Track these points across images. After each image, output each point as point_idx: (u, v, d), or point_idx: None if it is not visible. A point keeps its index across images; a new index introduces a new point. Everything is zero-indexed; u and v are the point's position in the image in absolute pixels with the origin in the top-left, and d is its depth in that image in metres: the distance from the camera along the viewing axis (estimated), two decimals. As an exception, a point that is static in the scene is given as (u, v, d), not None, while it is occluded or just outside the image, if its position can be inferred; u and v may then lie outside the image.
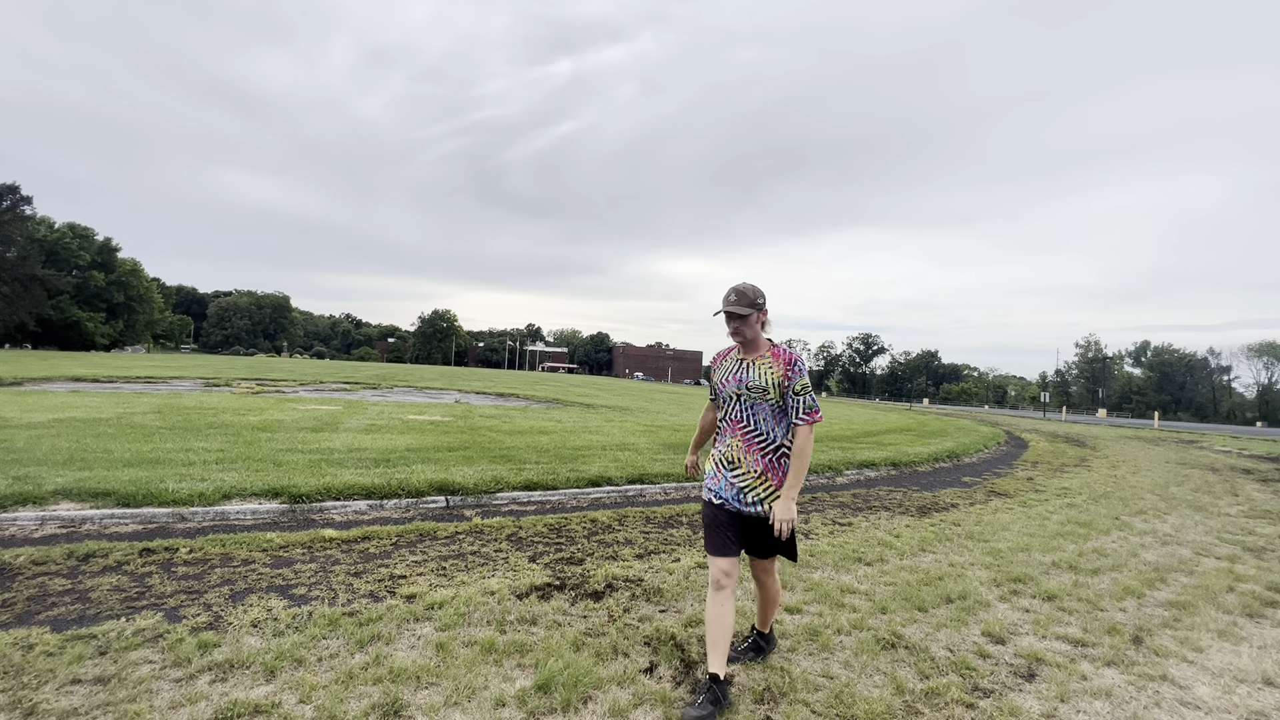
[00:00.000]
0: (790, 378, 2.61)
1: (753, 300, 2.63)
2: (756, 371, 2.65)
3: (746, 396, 2.66)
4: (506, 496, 6.18)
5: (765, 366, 2.65)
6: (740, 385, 2.67)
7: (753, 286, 2.67)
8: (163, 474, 5.84)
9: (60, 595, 3.28)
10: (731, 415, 2.73)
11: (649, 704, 2.53)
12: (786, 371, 2.62)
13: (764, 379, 2.63)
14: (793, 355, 2.66)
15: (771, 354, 2.68)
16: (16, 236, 57.06)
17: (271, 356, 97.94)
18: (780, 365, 2.63)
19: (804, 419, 2.59)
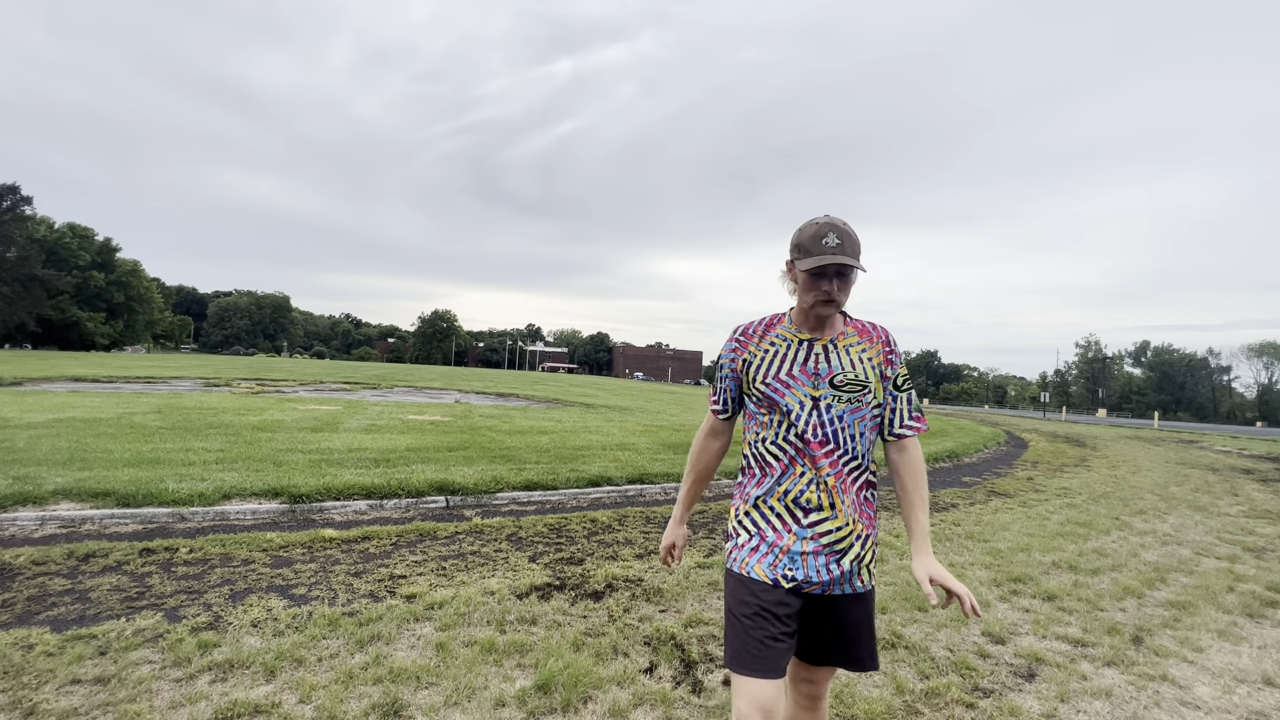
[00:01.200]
0: (893, 364, 1.68)
1: (859, 249, 1.60)
2: (847, 359, 1.64)
3: (836, 400, 1.62)
4: (506, 496, 6.18)
5: (859, 350, 1.65)
6: (820, 382, 1.63)
7: (853, 228, 1.64)
8: (163, 474, 5.84)
9: (60, 595, 3.28)
10: (799, 434, 1.62)
11: (649, 704, 2.53)
12: (887, 355, 1.68)
13: (861, 369, 1.63)
14: (887, 331, 1.72)
15: (858, 330, 1.68)
16: (16, 236, 57.06)
17: (271, 356, 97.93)
18: (878, 346, 1.67)
19: (914, 425, 1.68)
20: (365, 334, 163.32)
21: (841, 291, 1.56)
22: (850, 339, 1.65)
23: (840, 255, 1.51)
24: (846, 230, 1.55)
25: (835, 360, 1.62)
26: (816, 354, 1.63)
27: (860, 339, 1.66)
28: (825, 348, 1.63)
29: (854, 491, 1.62)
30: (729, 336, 1.76)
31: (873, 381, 1.63)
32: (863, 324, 1.69)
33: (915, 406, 1.69)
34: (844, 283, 1.56)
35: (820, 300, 1.56)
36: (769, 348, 1.68)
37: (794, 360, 1.64)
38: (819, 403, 1.60)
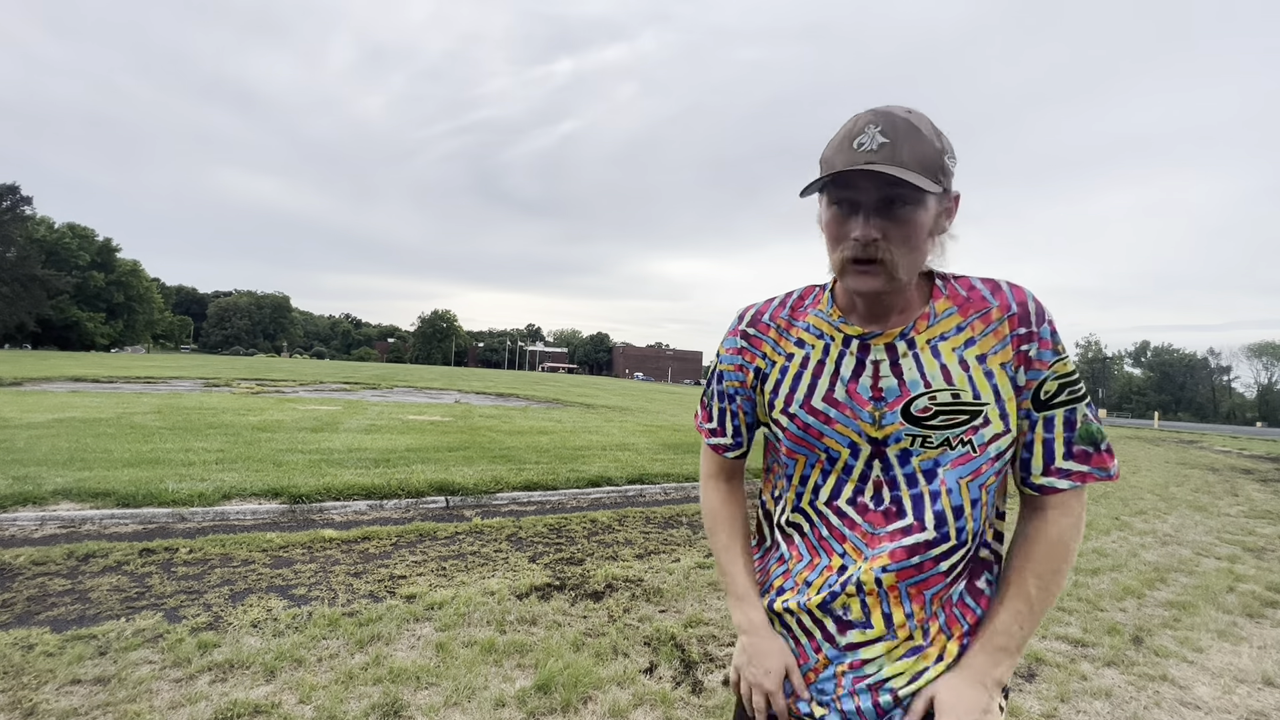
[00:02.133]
0: (1029, 359, 0.89)
1: (936, 156, 0.83)
2: (935, 365, 0.90)
3: (917, 442, 0.90)
4: (506, 496, 6.18)
5: (960, 343, 0.91)
6: (887, 412, 0.91)
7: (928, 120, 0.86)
8: (163, 474, 5.84)
9: (60, 595, 3.28)
10: (849, 499, 0.95)
11: (649, 704, 2.53)
12: (1019, 343, 0.89)
13: (965, 379, 0.89)
14: (1023, 293, 0.92)
15: (957, 302, 0.93)
16: (16, 236, 57.07)
17: (271, 356, 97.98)
18: (1000, 327, 0.90)
19: (1076, 469, 0.91)
20: (365, 334, 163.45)
21: (894, 241, 0.82)
22: (941, 324, 0.89)
23: (875, 161, 0.79)
24: (902, 121, 0.81)
25: (910, 370, 0.88)
26: (875, 362, 0.90)
27: (963, 318, 0.89)
28: (890, 350, 0.90)
29: (941, 597, 0.90)
30: (731, 327, 1.06)
31: (990, 400, 0.87)
32: (971, 286, 0.92)
33: (1085, 433, 0.89)
34: (894, 222, 0.81)
35: (849, 259, 0.84)
36: (795, 350, 0.97)
37: (836, 373, 0.93)
38: (884, 449, 0.90)
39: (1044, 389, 0.89)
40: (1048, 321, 0.90)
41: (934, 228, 0.87)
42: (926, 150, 0.82)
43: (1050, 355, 0.89)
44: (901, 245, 0.84)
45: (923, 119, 0.84)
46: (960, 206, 0.91)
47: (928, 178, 0.81)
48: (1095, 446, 0.90)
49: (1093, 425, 0.90)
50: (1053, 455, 0.90)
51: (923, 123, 0.83)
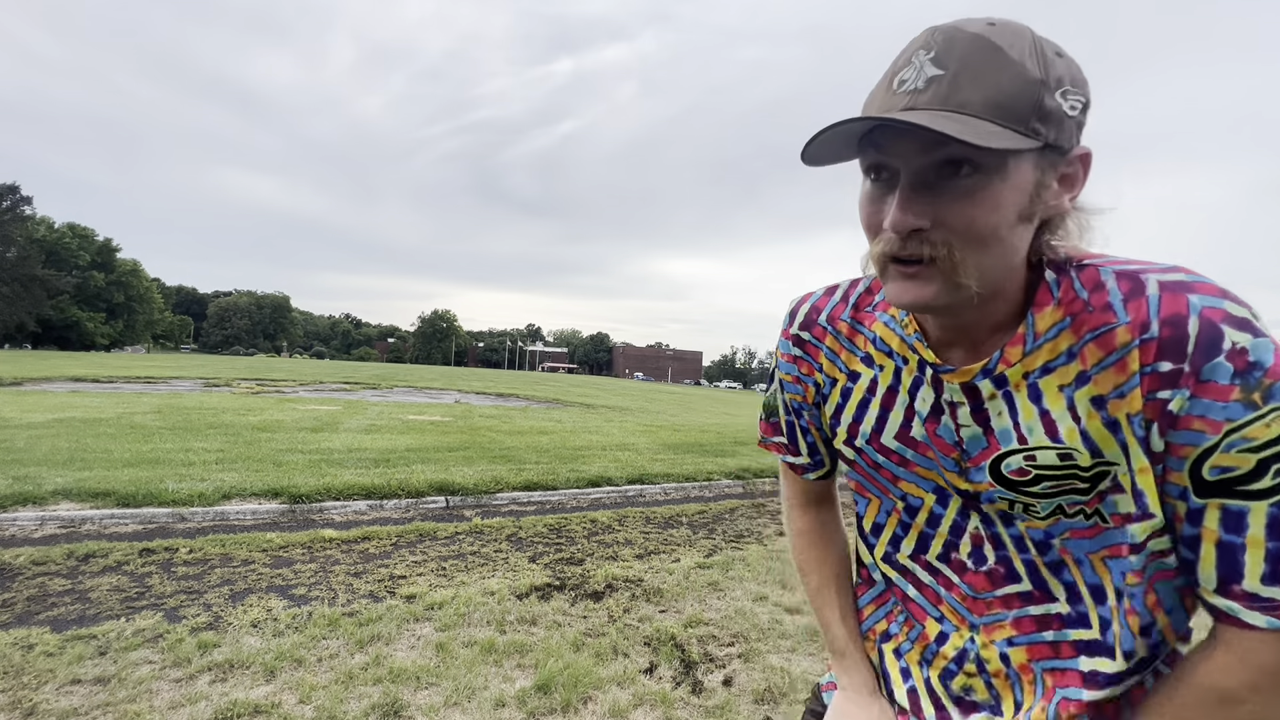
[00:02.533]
0: (1197, 414, 0.53)
1: (1029, 90, 0.51)
2: (1032, 411, 0.61)
3: (1016, 506, 0.64)
4: (506, 497, 6.18)
5: (1069, 377, 0.59)
6: (972, 468, 0.66)
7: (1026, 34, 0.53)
8: (163, 474, 5.84)
9: (60, 595, 3.28)
10: (926, 548, 0.74)
11: (649, 704, 2.53)
12: (1156, 393, 0.54)
13: (1087, 433, 0.58)
14: (1183, 303, 0.53)
15: (1072, 312, 0.58)
16: (16, 236, 57.10)
17: (271, 356, 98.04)
18: (1134, 369, 0.55)
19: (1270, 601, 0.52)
20: (365, 334, 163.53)
21: (953, 231, 0.54)
22: (1044, 349, 0.60)
23: (921, 107, 0.52)
24: (970, 41, 0.52)
25: (1000, 417, 0.63)
26: (951, 404, 0.66)
27: (1075, 338, 0.58)
28: (970, 392, 0.64)
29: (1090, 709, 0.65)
30: (783, 325, 0.83)
31: (1120, 461, 0.58)
32: (1099, 283, 0.58)
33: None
34: (953, 200, 0.54)
35: (887, 256, 0.58)
36: (861, 369, 0.74)
37: (912, 407, 0.70)
38: (978, 504, 0.68)
39: (1211, 464, 0.52)
40: (1226, 353, 0.51)
41: (1029, 207, 0.55)
42: (1008, 82, 0.50)
43: (1220, 410, 0.51)
44: (964, 237, 0.53)
45: (1016, 32, 0.52)
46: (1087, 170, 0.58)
47: (1008, 126, 0.50)
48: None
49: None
50: (1238, 569, 0.53)
51: (1012, 37, 0.52)
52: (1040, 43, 0.53)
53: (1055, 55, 0.53)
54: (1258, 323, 0.52)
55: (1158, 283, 0.55)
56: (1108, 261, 0.59)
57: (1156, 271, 0.56)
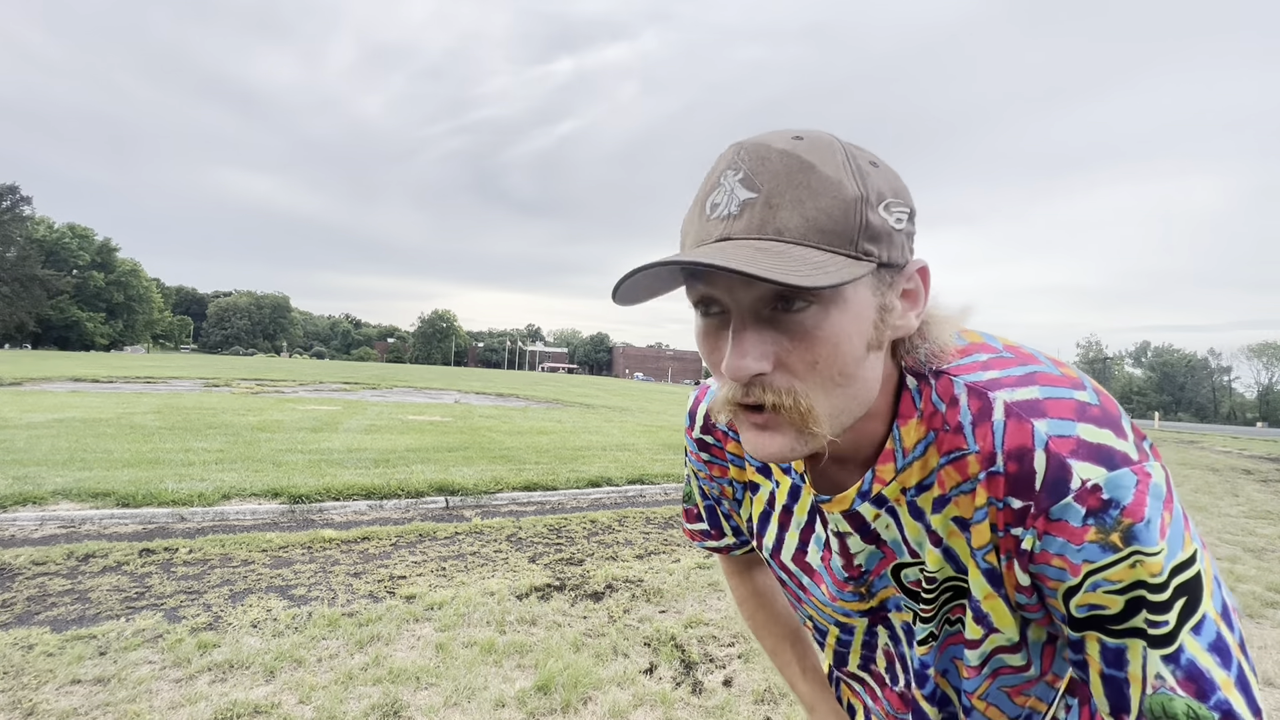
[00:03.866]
0: (1053, 552, 0.48)
1: (849, 210, 0.46)
2: (917, 527, 0.58)
3: (915, 616, 0.62)
4: (506, 497, 6.18)
5: (932, 498, 0.56)
6: (869, 580, 0.64)
7: (837, 147, 0.48)
8: (162, 474, 5.84)
9: (60, 595, 3.28)
10: (845, 661, 0.74)
11: (649, 704, 2.53)
12: (1010, 528, 0.51)
13: (951, 550, 0.56)
14: (1028, 434, 0.49)
15: (935, 426, 0.54)
16: (16, 236, 57.14)
17: (271, 357, 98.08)
18: (982, 501, 0.52)
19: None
20: (365, 334, 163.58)
21: (797, 372, 0.49)
22: (915, 466, 0.56)
23: (737, 236, 0.47)
24: (780, 158, 0.47)
25: (889, 529, 0.60)
26: (839, 535, 0.63)
27: (939, 455, 0.55)
28: (854, 519, 0.61)
29: None
30: (686, 423, 0.80)
31: (979, 578, 0.55)
32: (953, 398, 0.54)
33: (1156, 710, 0.47)
34: (793, 337, 0.48)
35: (734, 403, 0.52)
36: (760, 480, 0.71)
37: (810, 529, 0.67)
38: (885, 615, 0.66)
39: (1078, 601, 0.49)
40: (1075, 492, 0.46)
41: (875, 334, 0.50)
42: (827, 202, 0.46)
43: (1076, 553, 0.47)
44: (809, 381, 0.49)
45: (825, 145, 0.48)
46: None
47: (833, 251, 0.46)
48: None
49: (1175, 702, 0.46)
50: (1125, 702, 0.49)
51: (823, 151, 0.48)
52: (852, 153, 0.49)
53: (870, 165, 0.49)
54: (1120, 445, 0.47)
55: (1004, 405, 0.50)
56: (963, 369, 0.54)
57: (1008, 386, 0.51)
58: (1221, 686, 0.45)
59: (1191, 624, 0.46)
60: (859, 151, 0.49)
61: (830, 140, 0.49)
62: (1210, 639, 0.46)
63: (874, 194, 0.47)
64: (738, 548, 0.85)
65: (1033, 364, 0.53)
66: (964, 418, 0.52)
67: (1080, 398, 0.49)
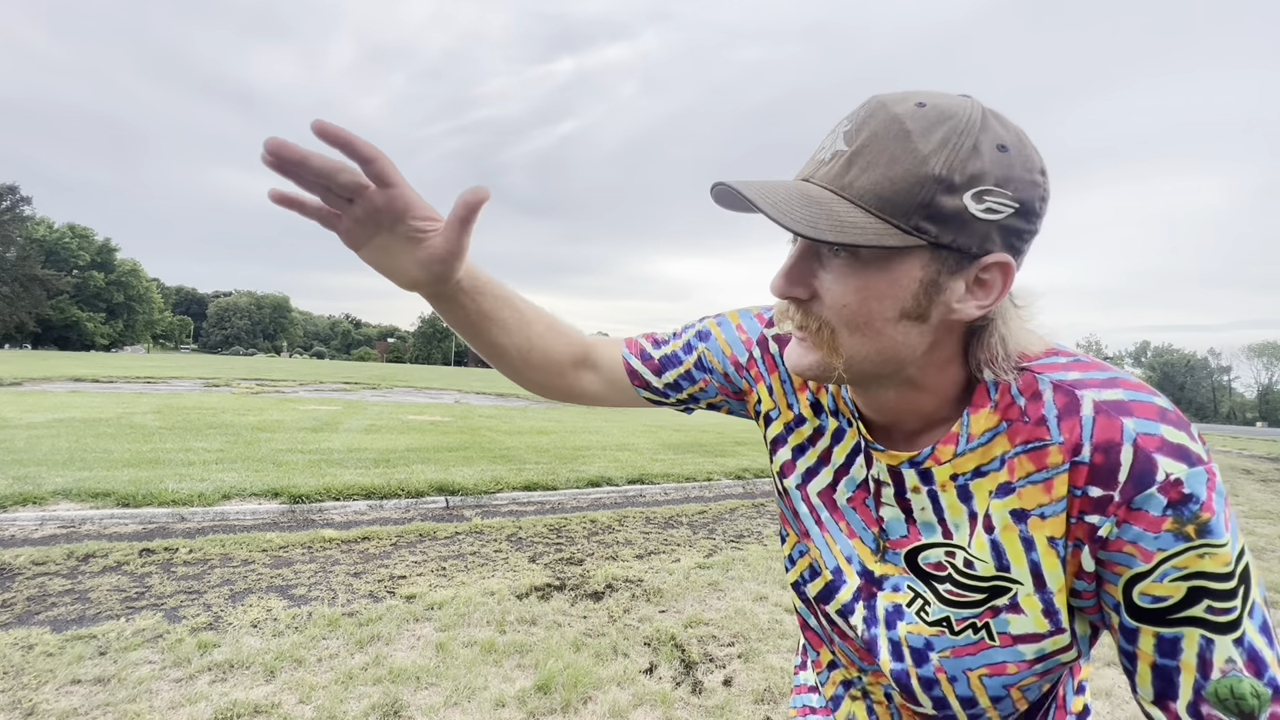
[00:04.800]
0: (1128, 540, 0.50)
1: (917, 185, 0.48)
2: (962, 509, 0.59)
3: (913, 599, 0.63)
4: (506, 497, 6.18)
5: (999, 486, 0.56)
6: (889, 550, 0.64)
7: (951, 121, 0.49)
8: (162, 474, 5.84)
9: (60, 595, 3.28)
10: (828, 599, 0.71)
11: (649, 704, 2.53)
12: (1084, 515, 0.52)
13: (997, 543, 0.57)
14: (1117, 428, 0.51)
15: (1010, 418, 0.56)
16: (16, 237, 57.15)
17: (271, 357, 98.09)
18: (1062, 491, 0.53)
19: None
20: (365, 334, 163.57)
21: (828, 309, 0.54)
22: (977, 452, 0.57)
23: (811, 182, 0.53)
24: (888, 121, 0.50)
25: (923, 510, 0.61)
26: (876, 481, 0.65)
27: (1009, 445, 0.56)
28: (895, 476, 0.63)
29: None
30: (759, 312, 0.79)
31: (1025, 580, 0.56)
32: (1036, 393, 0.55)
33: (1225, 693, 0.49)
34: (832, 277, 0.53)
35: (782, 313, 0.61)
36: (809, 415, 0.72)
37: (846, 470, 0.68)
38: (875, 592, 0.66)
39: (1142, 589, 0.51)
40: (1159, 485, 0.49)
41: (914, 305, 0.52)
42: (899, 173, 0.48)
43: (1152, 540, 0.49)
44: (835, 317, 0.53)
45: (944, 119, 0.49)
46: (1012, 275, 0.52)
47: (883, 219, 0.48)
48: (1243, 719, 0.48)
49: (1243, 683, 0.49)
50: (1174, 689, 0.51)
51: (934, 124, 0.48)
52: (973, 134, 0.48)
53: (994, 150, 0.48)
54: (1194, 446, 0.50)
55: (1093, 402, 0.52)
56: (1046, 367, 0.56)
57: (1094, 386, 0.53)
58: (1270, 665, 0.49)
59: (1248, 609, 0.49)
60: (990, 134, 0.49)
61: (954, 113, 0.49)
62: (1259, 623, 0.50)
63: (965, 178, 0.48)
64: (650, 390, 0.82)
65: (1112, 371, 0.55)
66: (1048, 411, 0.54)
67: (1160, 403, 0.52)
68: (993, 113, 0.51)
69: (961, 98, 0.51)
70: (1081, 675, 0.72)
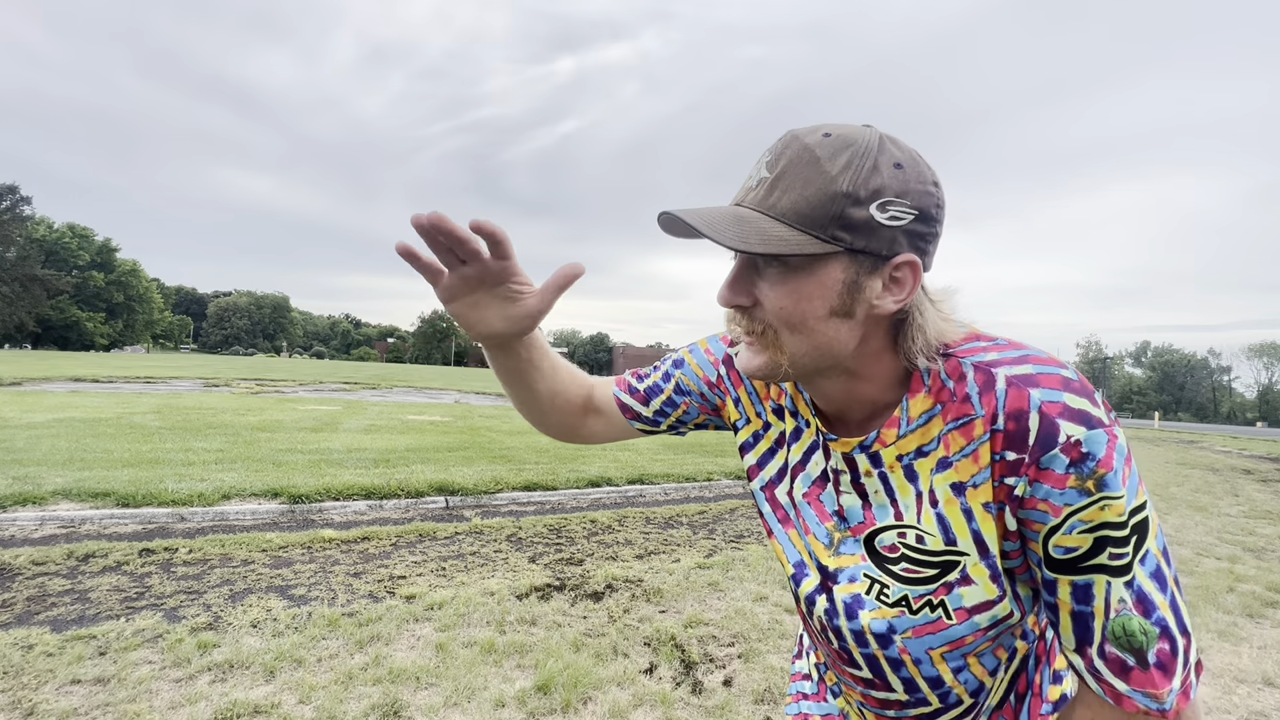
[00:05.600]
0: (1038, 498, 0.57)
1: (831, 202, 0.55)
2: (910, 489, 0.65)
3: (870, 585, 0.68)
4: (506, 497, 6.18)
5: (936, 462, 0.63)
6: (845, 539, 0.70)
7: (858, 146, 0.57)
8: (162, 474, 5.84)
9: (60, 595, 3.28)
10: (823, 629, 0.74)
11: (649, 704, 2.53)
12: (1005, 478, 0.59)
13: (943, 517, 0.63)
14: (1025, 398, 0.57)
15: (942, 399, 0.62)
16: (16, 236, 57.14)
17: (271, 357, 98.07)
18: (987, 459, 0.60)
19: (1108, 679, 0.57)
20: (365, 334, 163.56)
21: (770, 314, 0.61)
22: (917, 433, 0.64)
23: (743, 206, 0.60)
24: (801, 150, 0.57)
25: (877, 493, 0.67)
26: (835, 471, 0.70)
27: (943, 424, 0.62)
28: (849, 463, 0.68)
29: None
30: (723, 336, 0.85)
31: (970, 550, 0.62)
32: (961, 374, 0.62)
33: (1119, 631, 0.56)
34: (769, 285, 0.60)
35: (731, 321, 0.66)
36: (773, 420, 0.78)
37: (802, 467, 0.74)
38: (831, 586, 0.70)
39: (1055, 542, 0.57)
40: (1061, 445, 0.54)
41: (841, 304, 0.58)
42: (813, 192, 0.55)
43: (1059, 496, 0.55)
44: (776, 318, 0.60)
45: (846, 145, 0.56)
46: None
47: (805, 232, 0.55)
48: (1136, 656, 0.55)
49: (1132, 620, 0.55)
50: (1090, 634, 0.58)
51: (838, 150, 0.55)
52: (872, 155, 0.56)
53: (892, 168, 0.56)
54: (1095, 411, 0.56)
55: (1005, 377, 0.59)
56: (968, 351, 0.63)
57: (1007, 364, 0.60)
58: (1159, 607, 0.56)
59: (1140, 556, 0.56)
60: (886, 155, 0.57)
61: (855, 140, 0.57)
62: (1151, 569, 0.56)
63: (869, 192, 0.56)
64: (642, 420, 0.89)
65: (1024, 349, 0.62)
66: (970, 389, 0.61)
67: (1064, 374, 0.59)
68: (889, 138, 0.59)
69: (864, 127, 0.59)
70: (1057, 664, 0.76)
